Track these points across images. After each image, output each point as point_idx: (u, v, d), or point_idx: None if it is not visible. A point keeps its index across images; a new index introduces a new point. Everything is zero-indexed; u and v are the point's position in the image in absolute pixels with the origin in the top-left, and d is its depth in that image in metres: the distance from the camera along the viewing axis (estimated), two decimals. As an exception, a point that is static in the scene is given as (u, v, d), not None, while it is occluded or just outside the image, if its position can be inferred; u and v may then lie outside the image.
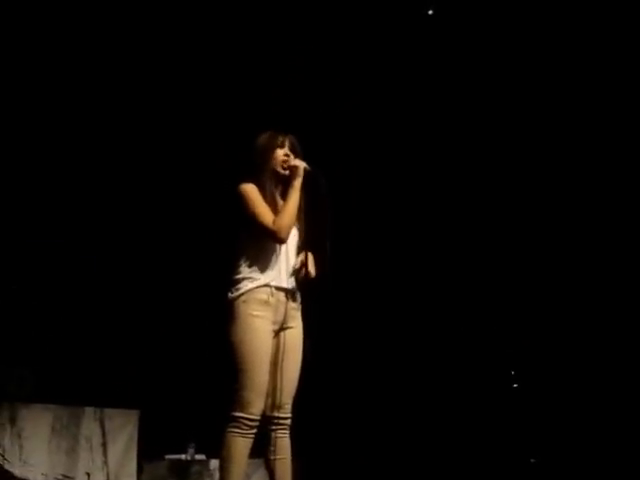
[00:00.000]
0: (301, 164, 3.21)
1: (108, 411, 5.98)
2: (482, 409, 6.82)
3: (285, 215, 3.11)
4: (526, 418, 6.68)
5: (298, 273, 3.20)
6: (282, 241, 3.14)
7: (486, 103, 6.61)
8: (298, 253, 3.27)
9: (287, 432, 3.15)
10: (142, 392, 6.22)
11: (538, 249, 6.80)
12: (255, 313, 3.07)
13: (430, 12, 6.27)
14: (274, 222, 3.09)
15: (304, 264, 3.20)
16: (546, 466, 6.44)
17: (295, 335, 3.20)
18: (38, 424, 5.67)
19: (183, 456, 5.94)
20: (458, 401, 6.86)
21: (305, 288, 3.27)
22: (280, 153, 3.23)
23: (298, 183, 3.17)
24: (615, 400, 6.23)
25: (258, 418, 3.04)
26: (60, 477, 5.68)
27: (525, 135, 6.59)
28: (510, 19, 6.15)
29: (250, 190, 3.14)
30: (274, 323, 3.13)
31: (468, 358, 6.95)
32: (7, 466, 5.47)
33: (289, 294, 3.19)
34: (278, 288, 3.15)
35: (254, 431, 3.04)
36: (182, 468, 5.89)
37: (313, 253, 3.25)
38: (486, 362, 6.97)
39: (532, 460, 6.59)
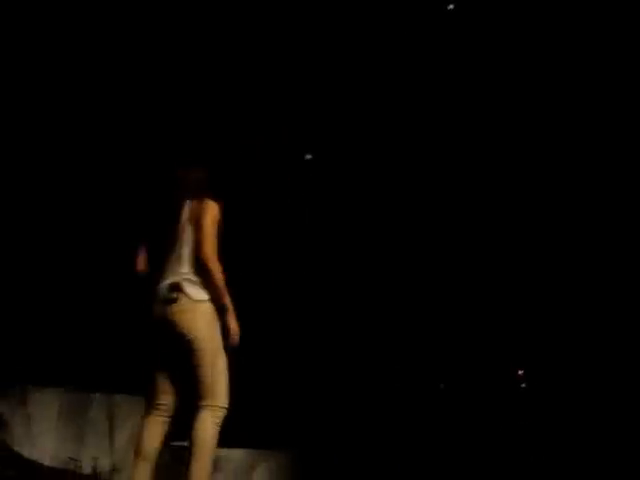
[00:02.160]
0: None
1: (116, 397, 6.12)
2: (486, 408, 6.49)
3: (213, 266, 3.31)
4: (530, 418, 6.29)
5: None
6: (203, 263, 3.32)
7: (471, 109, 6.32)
8: None
9: None
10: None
11: (542, 250, 6.43)
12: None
13: (451, 7, 6.15)
14: (213, 252, 3.32)
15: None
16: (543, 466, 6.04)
17: None
18: (47, 408, 5.88)
19: (186, 443, 6.00)
20: (463, 398, 6.57)
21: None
22: None
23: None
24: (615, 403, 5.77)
25: None
26: (67, 460, 5.88)
27: (505, 136, 6.28)
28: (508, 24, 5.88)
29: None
30: None
31: (472, 357, 6.63)
32: (16, 448, 5.73)
33: None
34: None
35: None
36: (185, 455, 5.95)
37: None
38: (492, 362, 6.63)
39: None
